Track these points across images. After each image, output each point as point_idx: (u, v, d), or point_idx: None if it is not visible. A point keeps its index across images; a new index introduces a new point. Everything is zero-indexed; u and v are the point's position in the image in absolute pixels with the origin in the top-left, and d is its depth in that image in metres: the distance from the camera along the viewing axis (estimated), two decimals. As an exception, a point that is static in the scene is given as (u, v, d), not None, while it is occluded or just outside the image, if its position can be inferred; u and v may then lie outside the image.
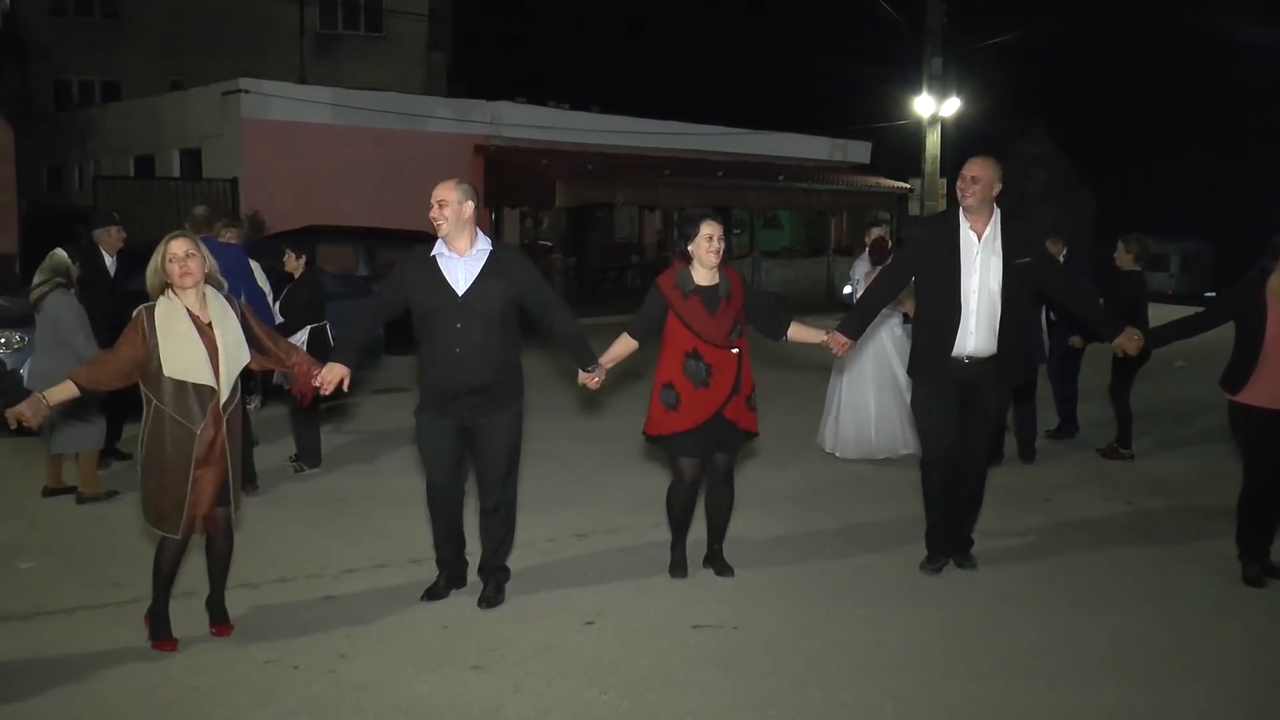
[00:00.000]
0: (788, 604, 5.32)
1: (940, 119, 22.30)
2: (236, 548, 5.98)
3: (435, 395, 5.07)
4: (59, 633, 4.86)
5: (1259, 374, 5.52)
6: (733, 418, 5.36)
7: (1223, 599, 5.49)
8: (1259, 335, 5.50)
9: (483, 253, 5.03)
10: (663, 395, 5.35)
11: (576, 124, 22.52)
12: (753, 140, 24.77)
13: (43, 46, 27.29)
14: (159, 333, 4.48)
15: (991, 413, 5.65)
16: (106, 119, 23.61)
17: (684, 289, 5.31)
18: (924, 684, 4.45)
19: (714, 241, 5.28)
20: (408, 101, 21.60)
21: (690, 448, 5.42)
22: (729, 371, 5.31)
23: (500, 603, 5.21)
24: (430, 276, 5.00)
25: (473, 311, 4.95)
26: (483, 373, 4.98)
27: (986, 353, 5.47)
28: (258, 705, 4.19)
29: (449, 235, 4.98)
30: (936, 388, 5.59)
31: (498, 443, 5.11)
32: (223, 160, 19.24)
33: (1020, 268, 5.43)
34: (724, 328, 5.29)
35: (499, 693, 4.31)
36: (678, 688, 4.37)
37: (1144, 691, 4.42)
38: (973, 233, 5.46)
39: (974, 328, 5.44)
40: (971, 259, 5.44)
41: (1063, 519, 6.86)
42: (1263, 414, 5.54)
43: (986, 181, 5.41)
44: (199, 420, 4.50)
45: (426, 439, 5.18)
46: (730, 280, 5.36)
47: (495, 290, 4.98)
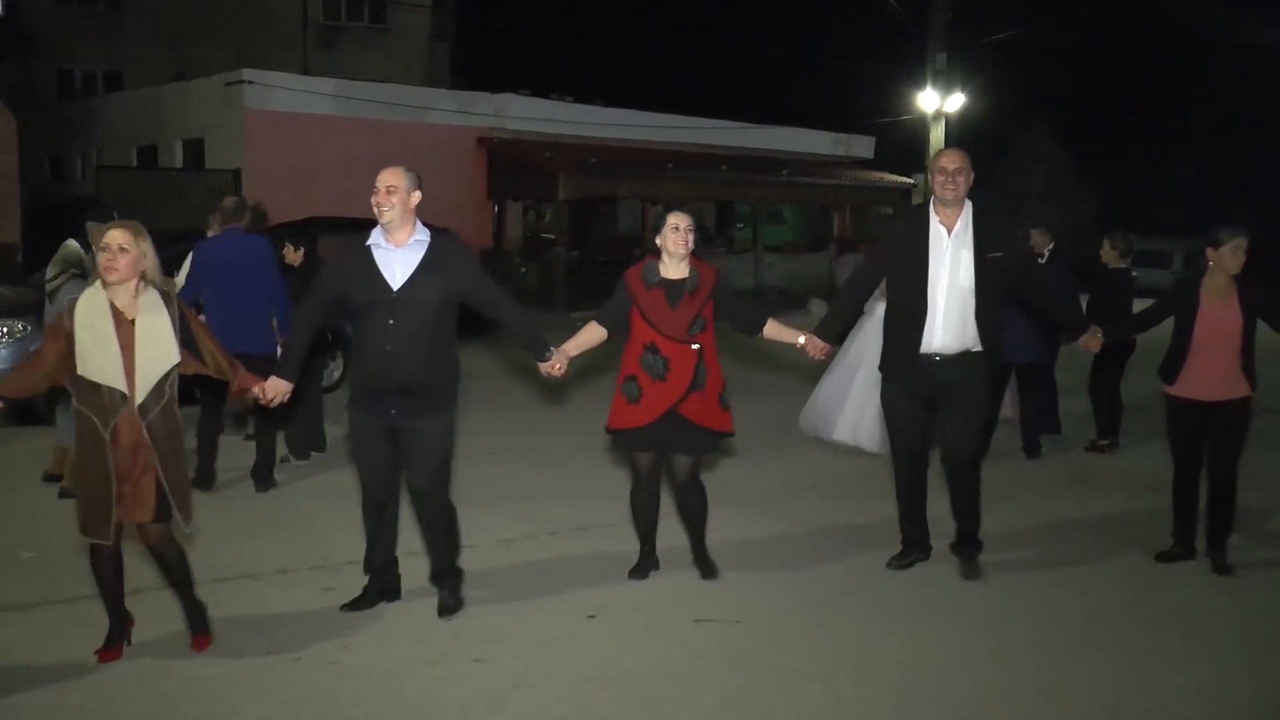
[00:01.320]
0: (790, 598, 5.32)
1: (944, 114, 22.28)
2: (239, 541, 6.01)
3: (365, 393, 4.86)
4: (60, 622, 4.86)
5: (1189, 366, 5.69)
6: (691, 416, 5.16)
7: (1220, 596, 5.49)
8: (1189, 330, 5.69)
9: (421, 244, 4.81)
10: (625, 389, 5.22)
11: (580, 117, 22.48)
12: (756, 134, 24.74)
13: (46, 36, 27.27)
14: (78, 327, 4.21)
15: (973, 410, 5.53)
16: (109, 109, 23.59)
17: (648, 281, 5.20)
18: (926, 679, 4.45)
19: (681, 233, 5.14)
20: (411, 93, 21.57)
21: (646, 443, 5.29)
22: (687, 366, 5.13)
23: (460, 607, 5.03)
24: (365, 269, 4.77)
25: (408, 306, 4.71)
26: (414, 371, 4.73)
27: (957, 349, 5.38)
28: (259, 696, 4.19)
29: (391, 224, 4.76)
30: (905, 384, 5.52)
31: (425, 446, 4.84)
32: (225, 151, 19.22)
33: (992, 262, 5.36)
34: (683, 321, 5.13)
35: (500, 686, 4.31)
36: (679, 682, 4.37)
37: (1145, 690, 4.42)
38: (943, 227, 5.38)
39: (942, 324, 5.36)
40: (941, 254, 5.36)
41: (1064, 517, 6.85)
42: (1190, 405, 5.72)
43: (967, 174, 5.34)
44: (111, 423, 4.22)
45: (357, 439, 4.98)
46: (701, 274, 5.21)
47: (433, 284, 4.75)
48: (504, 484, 7.37)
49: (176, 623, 4.82)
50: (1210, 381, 5.67)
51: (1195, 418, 5.76)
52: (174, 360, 4.34)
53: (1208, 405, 5.70)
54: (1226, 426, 5.73)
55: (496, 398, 10.30)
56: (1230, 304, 5.63)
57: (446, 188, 20.08)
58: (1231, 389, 5.67)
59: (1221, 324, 5.62)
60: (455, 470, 5.10)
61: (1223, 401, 5.68)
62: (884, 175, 26.02)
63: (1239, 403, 5.69)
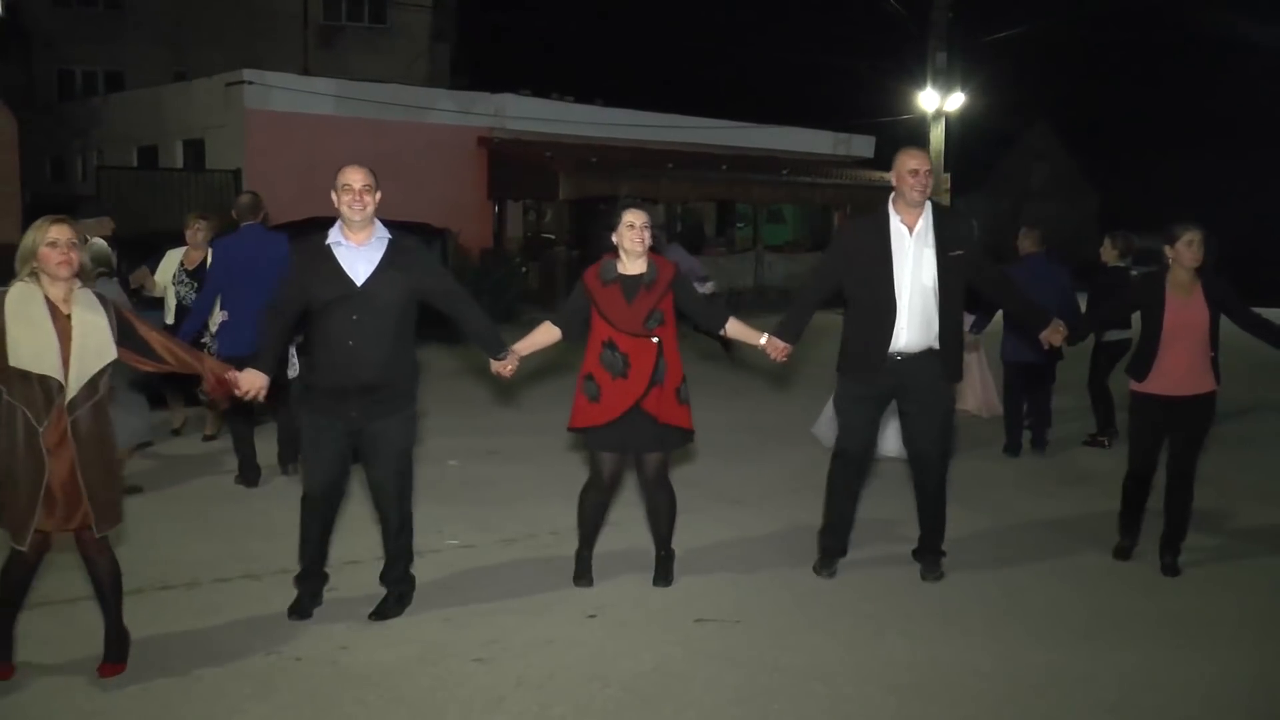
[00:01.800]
0: (790, 598, 5.32)
1: (944, 113, 22.28)
2: (239, 542, 6.00)
3: (325, 394, 4.76)
4: (63, 623, 4.86)
5: (1158, 363, 5.72)
6: (654, 411, 5.13)
7: (1221, 596, 5.50)
8: (1158, 326, 5.71)
9: (382, 242, 4.80)
10: (585, 387, 5.20)
11: (580, 117, 22.49)
12: (756, 134, 24.73)
13: (46, 36, 27.29)
14: (9, 318, 4.07)
15: (939, 408, 5.54)
16: (110, 109, 23.60)
17: (605, 278, 5.19)
18: (927, 679, 4.45)
19: (636, 230, 5.11)
20: (411, 93, 21.58)
21: (611, 442, 5.25)
22: (647, 360, 5.11)
23: (400, 614, 4.97)
24: (326, 266, 4.72)
25: (371, 304, 4.68)
26: (377, 370, 4.70)
27: (920, 348, 5.39)
28: (260, 697, 4.19)
29: (358, 223, 4.75)
30: (866, 385, 5.50)
31: (389, 448, 4.82)
32: (226, 151, 19.23)
33: (954, 260, 5.38)
34: (639, 315, 5.10)
35: (501, 685, 4.32)
36: (680, 681, 4.37)
37: (1147, 689, 4.42)
38: (904, 226, 5.39)
39: (907, 323, 5.36)
40: (904, 253, 5.36)
41: (1063, 515, 6.85)
42: (1156, 400, 5.76)
43: (929, 172, 5.35)
44: (45, 417, 4.09)
45: (311, 441, 4.86)
46: (659, 269, 5.20)
47: (396, 281, 4.74)
48: (505, 484, 7.37)
49: (178, 624, 4.83)
50: (1178, 377, 5.72)
51: (1160, 413, 5.79)
52: (110, 356, 4.26)
53: (1174, 400, 5.74)
54: (1192, 421, 5.79)
55: (500, 397, 10.31)
56: (1195, 298, 5.69)
57: (447, 188, 20.13)
58: (1198, 384, 5.73)
59: (1188, 319, 5.68)
60: (459, 470, 5.11)
61: (1189, 396, 5.73)
62: (884, 175, 25.75)
63: (1205, 397, 5.75)
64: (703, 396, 10.41)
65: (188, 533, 6.19)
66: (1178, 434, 5.82)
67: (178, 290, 7.94)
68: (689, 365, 5.49)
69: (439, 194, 19.71)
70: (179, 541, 6.04)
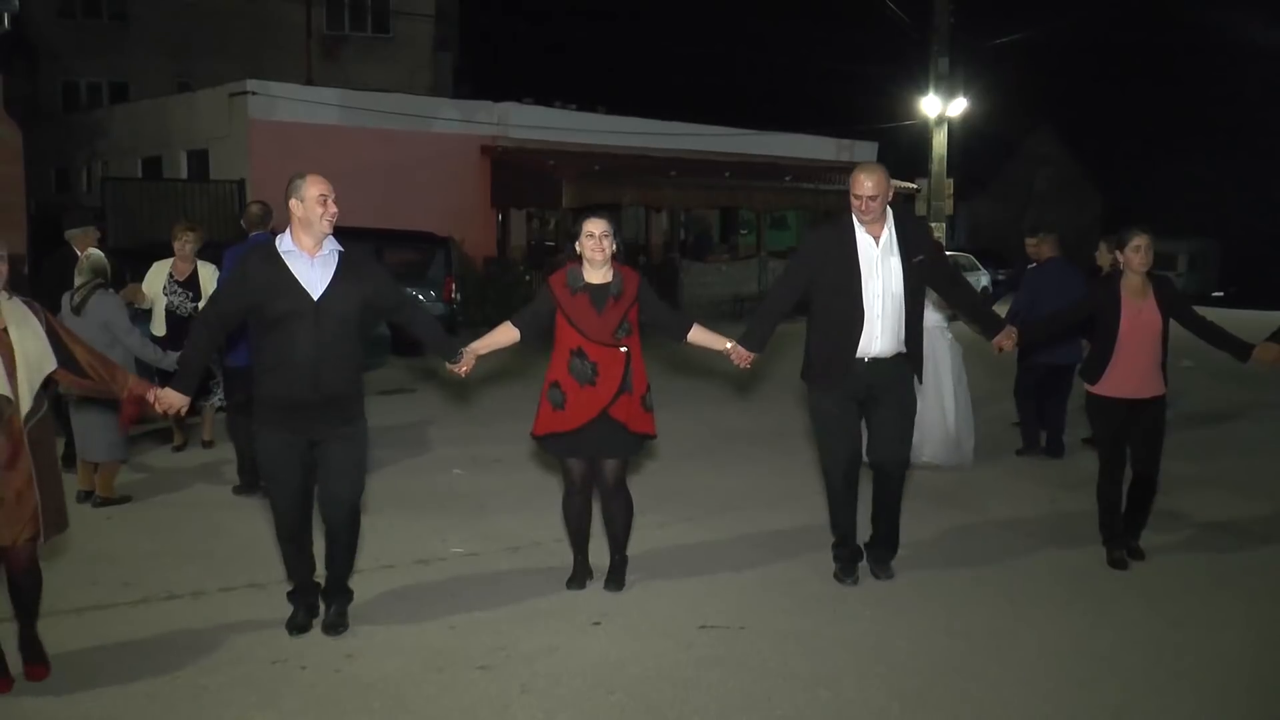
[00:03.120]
0: (794, 604, 5.32)
1: (947, 119, 22.29)
2: (244, 551, 6.01)
3: (283, 408, 4.63)
4: (67, 633, 4.86)
5: (1113, 366, 5.81)
6: (622, 419, 5.18)
7: (1221, 592, 5.50)
8: (1113, 330, 5.78)
9: (334, 253, 4.70)
10: (550, 394, 5.21)
11: (583, 124, 22.54)
12: (759, 140, 24.77)
13: (51, 48, 27.39)
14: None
15: (904, 411, 5.59)
16: (114, 120, 23.68)
17: (573, 286, 5.19)
18: (930, 684, 4.45)
19: (595, 239, 5.13)
20: (414, 102, 21.64)
21: (576, 449, 5.27)
22: (616, 370, 5.15)
23: (346, 627, 4.89)
24: (280, 277, 4.59)
25: (329, 316, 4.61)
26: (338, 382, 4.66)
27: (890, 353, 5.45)
28: (265, 705, 4.20)
29: (322, 234, 4.66)
30: (838, 393, 5.52)
31: (348, 457, 4.77)
32: (230, 161, 19.28)
33: (917, 266, 5.44)
34: (610, 325, 5.14)
35: (506, 693, 4.32)
36: (685, 688, 4.38)
37: (1149, 693, 4.42)
38: (870, 236, 5.43)
39: (879, 330, 5.41)
40: (872, 263, 5.41)
41: (1066, 519, 6.85)
42: (1115, 403, 5.84)
43: (883, 196, 5.36)
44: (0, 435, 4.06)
45: (274, 459, 4.73)
46: (625, 280, 5.22)
47: (352, 294, 4.69)
48: (509, 492, 7.38)
49: (184, 633, 4.84)
50: (1135, 380, 5.82)
51: (1120, 416, 5.87)
52: (51, 364, 4.25)
53: (1131, 403, 5.83)
54: (1149, 423, 5.88)
55: (502, 406, 10.32)
56: (1149, 303, 5.79)
57: (450, 196, 20.19)
58: (1152, 387, 5.83)
59: (1143, 323, 5.77)
60: (464, 478, 5.13)
61: (1144, 400, 5.82)
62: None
63: (1158, 400, 5.86)
64: (696, 404, 10.53)
65: (192, 542, 6.20)
66: (1136, 437, 5.91)
67: (170, 300, 7.95)
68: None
69: (442, 202, 19.77)
70: (183, 551, 6.05)
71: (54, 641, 4.75)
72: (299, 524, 4.86)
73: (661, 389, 5.95)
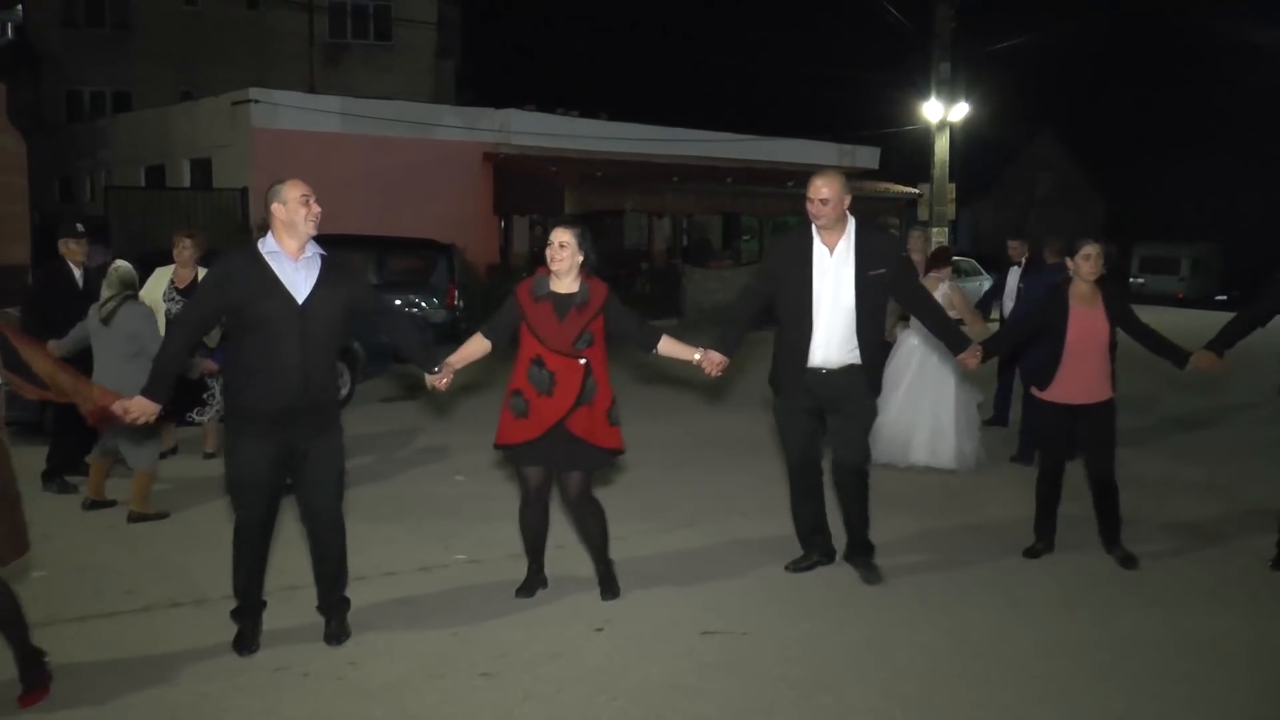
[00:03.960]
0: (796, 610, 5.32)
1: (949, 124, 22.30)
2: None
3: (265, 416, 4.52)
4: (70, 641, 4.87)
5: (1061, 372, 5.92)
6: (580, 432, 5.08)
7: (1232, 598, 5.49)
8: (1060, 337, 5.89)
9: (316, 257, 4.64)
10: (512, 403, 5.15)
11: (585, 131, 22.57)
12: (761, 146, 24.80)
13: (54, 57, 27.48)
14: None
15: (860, 418, 5.61)
16: (118, 129, 23.75)
17: (536, 294, 5.14)
18: (933, 690, 4.45)
19: (559, 248, 5.07)
20: (416, 110, 21.68)
21: (533, 458, 5.21)
22: (573, 380, 5.07)
23: (349, 635, 4.87)
24: (263, 280, 4.51)
25: (314, 321, 4.54)
26: (322, 387, 4.63)
27: (840, 364, 5.46)
28: (267, 712, 4.20)
29: (306, 236, 4.59)
30: (794, 400, 5.59)
31: (329, 463, 4.72)
32: (233, 170, 19.34)
33: (874, 279, 5.43)
34: (570, 334, 5.06)
35: (508, 700, 4.32)
36: (687, 694, 4.38)
37: (1151, 698, 4.41)
38: (825, 246, 5.46)
39: (825, 340, 5.44)
40: (824, 272, 5.44)
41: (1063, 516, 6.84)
42: (1061, 409, 5.96)
43: (835, 200, 5.38)
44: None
45: (248, 467, 4.59)
46: (592, 290, 5.15)
47: (335, 299, 4.63)
48: (511, 499, 7.35)
49: (186, 640, 4.84)
50: (1082, 386, 5.92)
51: (1067, 421, 5.99)
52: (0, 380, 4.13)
53: (1077, 409, 5.93)
54: (1098, 427, 5.97)
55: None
56: (1097, 309, 5.88)
57: (453, 203, 20.22)
58: (1100, 391, 5.94)
59: (1091, 330, 5.86)
60: (466, 485, 5.15)
61: (1093, 404, 5.92)
62: (889, 186, 26.04)
63: (1107, 404, 5.96)
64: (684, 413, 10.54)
65: (194, 550, 6.20)
66: (1089, 441, 6.02)
67: (169, 308, 7.97)
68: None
69: (445, 209, 19.80)
70: (186, 559, 6.06)
71: (57, 650, 4.75)
72: (265, 536, 4.77)
73: (650, 398, 5.96)
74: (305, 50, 26.98)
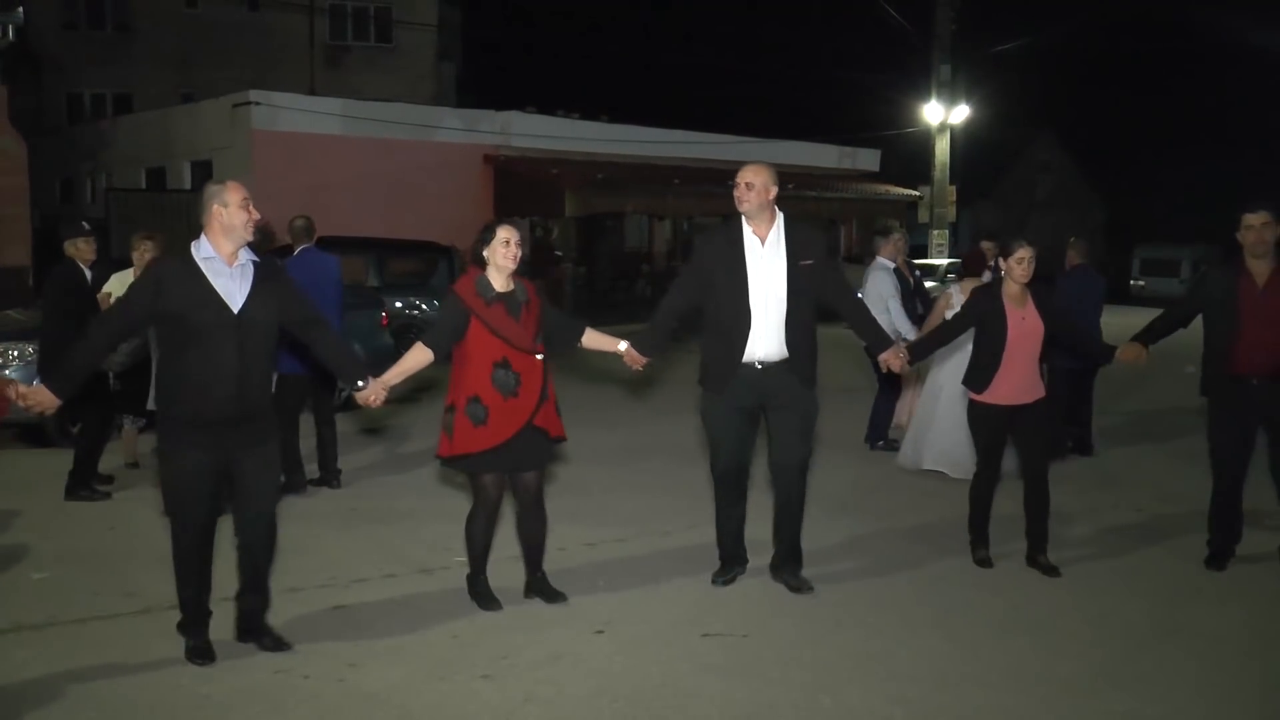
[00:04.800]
0: (797, 612, 5.32)
1: (949, 126, 22.34)
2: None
3: (201, 426, 4.44)
4: (71, 643, 4.87)
5: (1001, 374, 5.89)
6: (543, 425, 5.15)
7: (1235, 597, 5.49)
8: (1001, 338, 5.86)
9: (250, 264, 4.55)
10: (469, 410, 5.02)
11: (586, 133, 22.58)
12: (762, 148, 24.75)
13: (55, 60, 27.51)
14: None
15: (802, 414, 5.51)
16: (118, 131, 23.77)
17: (486, 296, 5.06)
18: (933, 692, 4.44)
19: (511, 246, 5.07)
20: (417, 112, 21.70)
21: (501, 464, 5.16)
22: (536, 378, 5.09)
23: (290, 645, 4.79)
24: (197, 287, 4.41)
25: (250, 330, 4.46)
26: (256, 397, 4.55)
27: (778, 356, 5.41)
28: (268, 714, 4.20)
29: (243, 241, 4.50)
30: (729, 395, 5.49)
31: (266, 476, 4.66)
32: (233, 171, 19.32)
33: (804, 270, 5.40)
34: (530, 333, 5.09)
35: (509, 701, 4.32)
36: (688, 696, 4.37)
37: (1154, 700, 4.41)
38: (755, 237, 5.43)
39: (763, 332, 5.38)
40: (757, 263, 5.40)
41: (1070, 523, 6.84)
42: (998, 410, 5.94)
43: (760, 186, 5.37)
44: None
45: (186, 478, 4.51)
46: (525, 288, 5.18)
47: (270, 307, 4.54)
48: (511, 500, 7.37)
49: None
50: (1018, 387, 5.90)
51: (1003, 422, 5.98)
52: None
53: (1014, 409, 5.93)
54: (1034, 427, 5.97)
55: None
56: (1030, 310, 5.89)
57: (453, 205, 20.23)
58: (1034, 392, 5.94)
59: (1027, 331, 5.87)
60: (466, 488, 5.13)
61: (1028, 405, 5.92)
62: (890, 188, 26.05)
63: (1041, 404, 5.97)
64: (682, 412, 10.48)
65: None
66: (1023, 440, 6.01)
67: None
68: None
69: (445, 212, 19.80)
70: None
71: (57, 652, 4.77)
72: (205, 548, 4.67)
73: (654, 398, 5.95)
74: (306, 52, 27.01)
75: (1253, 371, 5.74)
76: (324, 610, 5.33)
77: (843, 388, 10.75)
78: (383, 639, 4.93)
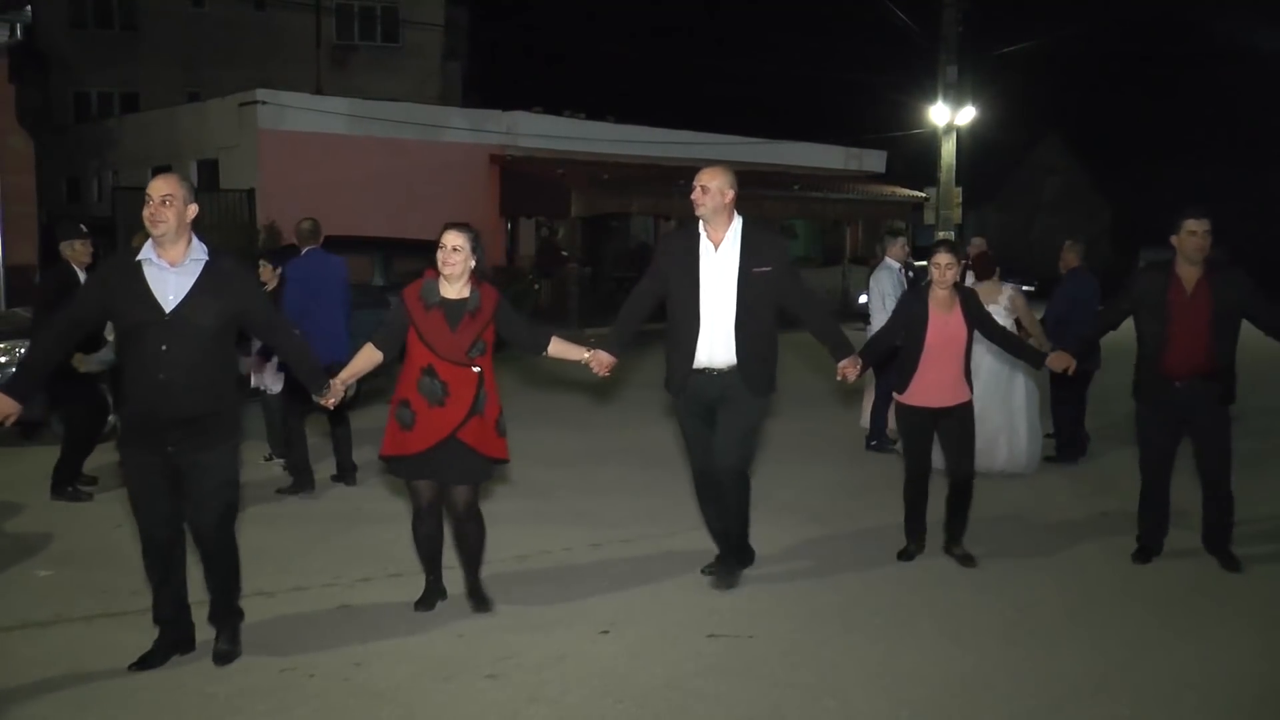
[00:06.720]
0: (802, 614, 5.32)
1: (955, 127, 22.29)
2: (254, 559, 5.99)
3: (138, 427, 4.41)
4: (76, 641, 4.89)
5: (919, 376, 5.99)
6: (472, 443, 4.97)
7: (1238, 605, 5.48)
8: (921, 341, 5.95)
9: (197, 264, 4.40)
10: (398, 413, 4.98)
11: (592, 134, 22.56)
12: (768, 149, 24.78)
13: (62, 58, 27.53)
14: None
15: (742, 421, 5.47)
16: (125, 130, 23.78)
17: (427, 301, 4.97)
18: (938, 694, 4.44)
19: (452, 252, 4.92)
20: (423, 112, 21.68)
21: (424, 472, 5.07)
22: (467, 390, 4.95)
23: (239, 654, 4.65)
24: (133, 286, 4.32)
25: (181, 332, 4.31)
26: (192, 403, 4.35)
27: (727, 363, 5.40)
28: (273, 713, 4.21)
29: (165, 238, 4.34)
30: (685, 399, 5.54)
31: (209, 482, 4.47)
32: (239, 171, 19.36)
33: (759, 276, 5.38)
34: (463, 344, 4.92)
35: (514, 702, 4.32)
36: (692, 697, 4.38)
37: (1159, 703, 4.41)
38: (710, 242, 5.43)
39: (711, 338, 5.38)
40: (709, 268, 5.40)
41: (1070, 525, 6.83)
42: (921, 412, 6.04)
43: (716, 190, 5.35)
44: None
45: (133, 478, 4.48)
46: (483, 296, 5.01)
47: (210, 308, 4.36)
48: (516, 500, 7.38)
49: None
50: (940, 389, 5.98)
51: (928, 424, 6.07)
52: None
53: (938, 411, 6.02)
54: (958, 429, 6.05)
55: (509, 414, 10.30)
56: (955, 315, 5.95)
57: (459, 205, 20.20)
58: (957, 395, 6.01)
59: (949, 335, 5.94)
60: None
61: (952, 407, 6.00)
62: (896, 189, 26.01)
63: (966, 405, 6.05)
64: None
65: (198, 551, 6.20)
66: (949, 441, 6.07)
67: None
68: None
69: (451, 211, 19.59)
70: (191, 559, 6.05)
71: (64, 649, 4.78)
72: (164, 550, 4.56)
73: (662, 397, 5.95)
74: (312, 52, 26.96)
75: (1178, 374, 5.84)
76: (329, 609, 5.33)
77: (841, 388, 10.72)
78: (388, 638, 4.94)
